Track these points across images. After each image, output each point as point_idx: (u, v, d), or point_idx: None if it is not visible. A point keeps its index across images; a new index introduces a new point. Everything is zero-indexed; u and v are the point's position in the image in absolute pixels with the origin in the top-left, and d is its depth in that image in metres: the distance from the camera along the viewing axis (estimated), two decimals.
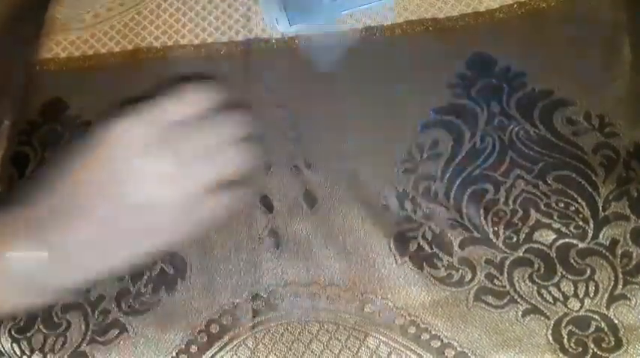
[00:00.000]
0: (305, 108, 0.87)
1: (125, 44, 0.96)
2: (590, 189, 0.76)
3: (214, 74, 0.87)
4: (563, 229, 0.73)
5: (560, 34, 0.89)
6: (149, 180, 0.50)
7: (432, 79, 0.86)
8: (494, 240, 0.74)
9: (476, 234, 0.74)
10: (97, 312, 0.74)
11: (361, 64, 0.89)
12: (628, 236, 0.73)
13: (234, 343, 0.71)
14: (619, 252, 0.72)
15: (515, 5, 0.92)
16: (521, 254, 0.73)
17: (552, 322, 0.69)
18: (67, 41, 0.98)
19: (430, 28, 0.92)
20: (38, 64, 0.96)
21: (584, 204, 0.75)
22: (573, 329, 0.68)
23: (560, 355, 0.68)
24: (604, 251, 0.72)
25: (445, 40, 0.87)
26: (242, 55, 0.93)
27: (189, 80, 0.55)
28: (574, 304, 0.70)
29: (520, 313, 0.70)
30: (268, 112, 0.87)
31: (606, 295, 0.70)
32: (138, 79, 0.92)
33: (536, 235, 0.73)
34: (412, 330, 0.70)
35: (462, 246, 0.74)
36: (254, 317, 0.72)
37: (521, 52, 0.87)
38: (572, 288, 0.70)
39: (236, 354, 0.71)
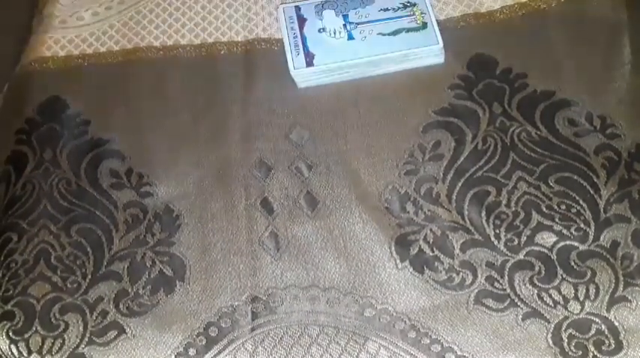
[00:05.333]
0: (306, 109, 0.86)
1: (125, 43, 0.95)
2: (592, 191, 0.75)
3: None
4: (565, 231, 0.73)
5: (561, 34, 0.89)
6: None
7: (433, 80, 0.86)
8: (496, 243, 0.73)
9: (477, 237, 0.74)
10: (95, 313, 0.74)
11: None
12: (629, 238, 0.72)
13: (233, 346, 0.70)
14: (620, 254, 0.72)
15: (516, 6, 0.92)
16: (522, 257, 0.72)
17: (552, 325, 0.69)
18: (65, 39, 0.97)
19: None
20: (37, 62, 0.95)
21: (585, 206, 0.75)
22: (573, 333, 0.68)
23: None
24: (605, 253, 0.72)
25: (446, 41, 0.86)
26: (242, 55, 0.92)
27: None
28: (574, 307, 0.69)
29: (520, 316, 0.69)
30: (268, 113, 0.86)
31: (607, 297, 0.69)
32: (137, 79, 0.92)
33: (538, 237, 0.73)
34: (412, 335, 0.69)
35: (463, 248, 0.74)
36: (253, 319, 0.72)
37: (522, 52, 0.87)
38: (573, 291, 0.70)
39: (235, 357, 0.70)
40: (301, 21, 0.91)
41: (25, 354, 0.72)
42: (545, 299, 0.70)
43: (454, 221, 0.76)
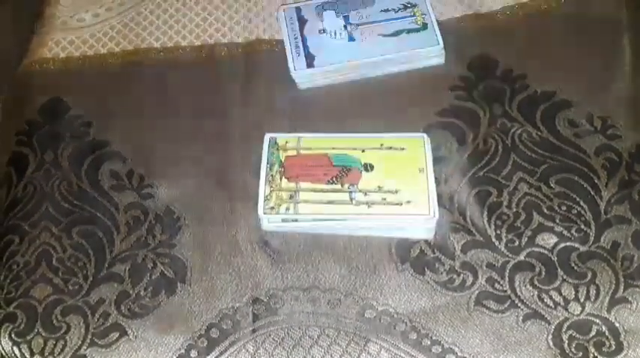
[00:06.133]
0: (306, 110, 0.86)
1: (125, 44, 0.96)
2: (593, 193, 0.76)
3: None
4: (565, 232, 0.73)
5: (561, 35, 0.89)
6: None
7: (434, 81, 0.86)
8: (497, 244, 0.73)
9: (478, 238, 0.74)
10: (96, 315, 0.73)
11: None
12: (629, 239, 0.73)
13: (235, 347, 0.70)
14: (620, 255, 0.72)
15: (517, 7, 0.92)
16: (522, 258, 0.72)
17: (553, 326, 0.69)
18: (66, 41, 0.97)
19: None
20: (38, 64, 0.95)
21: (586, 207, 0.75)
22: (574, 334, 0.68)
23: None
24: (605, 254, 0.72)
25: (447, 42, 0.86)
26: (243, 56, 0.93)
27: None
28: (575, 308, 0.69)
29: (521, 318, 0.69)
30: (269, 114, 0.86)
31: (607, 298, 0.70)
32: (138, 80, 0.92)
33: (538, 239, 0.73)
34: (413, 336, 0.69)
35: (464, 249, 0.74)
36: (254, 321, 0.72)
37: (522, 53, 0.87)
38: (573, 292, 0.70)
39: None
40: (302, 22, 0.91)
41: (27, 356, 0.72)
42: (545, 300, 0.70)
43: (455, 222, 0.76)
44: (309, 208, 0.74)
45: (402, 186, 0.75)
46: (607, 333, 0.68)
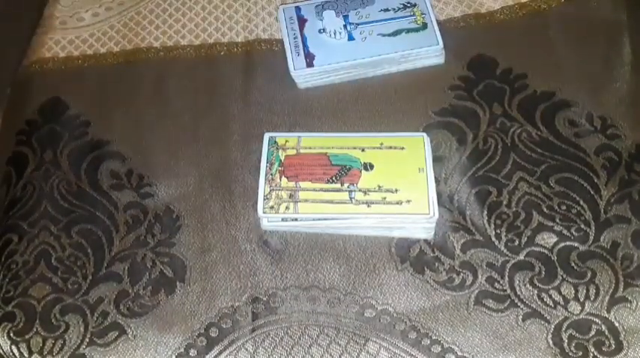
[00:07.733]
0: (306, 110, 0.86)
1: (125, 44, 0.96)
2: (592, 192, 0.76)
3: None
4: (565, 232, 0.73)
5: (561, 35, 0.89)
6: None
7: (433, 81, 0.86)
8: (497, 243, 0.73)
9: (478, 237, 0.74)
10: (95, 314, 0.73)
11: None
12: (629, 239, 0.73)
13: (234, 347, 0.70)
14: (620, 254, 0.72)
15: (517, 6, 0.92)
16: (522, 257, 0.72)
17: (553, 326, 0.69)
18: (65, 40, 0.97)
19: None
20: (37, 63, 0.95)
21: (585, 206, 0.75)
22: (574, 333, 0.68)
23: None
24: (605, 254, 0.72)
25: (446, 42, 0.86)
26: (242, 55, 0.93)
27: None
28: (574, 307, 0.69)
29: (520, 317, 0.69)
30: (269, 114, 0.86)
31: (607, 298, 0.70)
32: (138, 80, 0.92)
33: (538, 238, 0.73)
34: (413, 335, 0.69)
35: (463, 249, 0.74)
36: (254, 320, 0.72)
37: (522, 53, 0.87)
38: (573, 291, 0.70)
39: None
40: (301, 21, 0.91)
41: (26, 355, 0.72)
42: (545, 299, 0.70)
43: (455, 221, 0.76)
44: (309, 207, 0.74)
45: (401, 186, 0.75)
46: (607, 333, 0.68)
